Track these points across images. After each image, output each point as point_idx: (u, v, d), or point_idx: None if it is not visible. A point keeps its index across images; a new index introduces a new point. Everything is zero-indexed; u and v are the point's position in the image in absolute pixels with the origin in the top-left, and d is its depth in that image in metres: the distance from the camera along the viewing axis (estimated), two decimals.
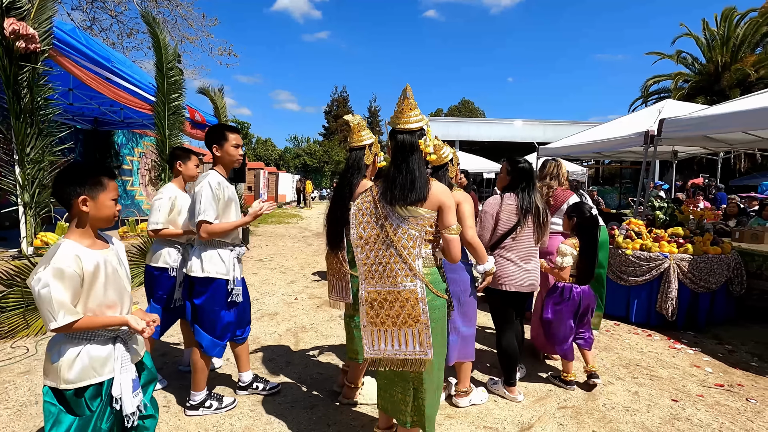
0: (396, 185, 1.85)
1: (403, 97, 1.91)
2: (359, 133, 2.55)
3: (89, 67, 5.43)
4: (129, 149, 10.84)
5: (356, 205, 1.96)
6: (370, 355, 1.92)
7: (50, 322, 1.43)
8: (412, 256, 1.84)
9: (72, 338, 1.52)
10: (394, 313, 1.86)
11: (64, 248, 1.47)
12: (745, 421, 2.63)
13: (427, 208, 1.85)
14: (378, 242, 1.88)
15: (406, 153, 1.88)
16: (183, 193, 2.94)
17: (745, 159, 16.98)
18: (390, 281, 1.85)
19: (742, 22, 19.20)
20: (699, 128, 4.97)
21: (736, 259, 4.44)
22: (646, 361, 3.52)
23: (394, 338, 1.87)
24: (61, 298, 1.43)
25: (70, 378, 1.48)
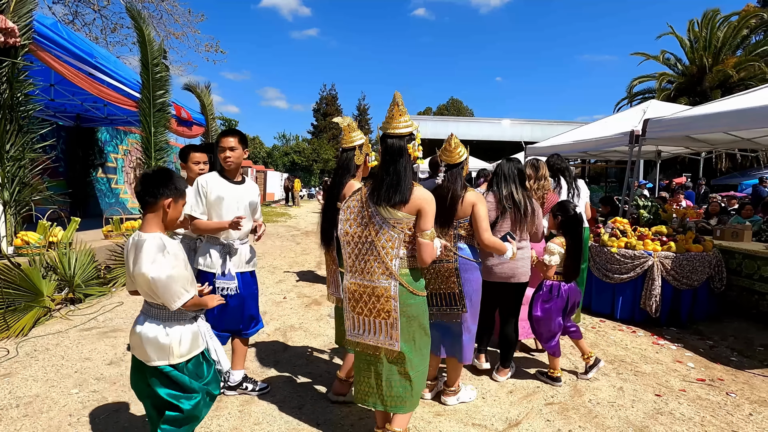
0: (383, 186, 1.98)
1: (393, 103, 2.03)
2: (350, 134, 2.59)
3: (71, 63, 5.31)
4: (113, 146, 10.63)
5: (346, 202, 2.12)
6: (350, 338, 2.14)
7: (183, 295, 1.70)
8: (389, 256, 1.99)
9: (169, 319, 1.77)
10: (371, 305, 2.05)
11: (165, 238, 1.74)
12: (725, 414, 2.70)
13: (407, 211, 1.97)
14: (362, 239, 2.03)
15: (394, 156, 2.00)
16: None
17: (725, 159, 17.41)
18: (368, 276, 2.03)
19: (723, 24, 19.62)
20: (682, 128, 5.06)
21: (717, 256, 4.54)
22: (630, 357, 3.58)
23: (370, 326, 2.08)
24: (186, 274, 1.74)
25: (183, 352, 1.77)
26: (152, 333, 1.74)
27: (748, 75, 17.91)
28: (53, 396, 2.70)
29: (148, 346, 1.73)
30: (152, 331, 1.74)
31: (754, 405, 2.82)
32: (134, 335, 1.77)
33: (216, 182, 2.63)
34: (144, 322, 1.77)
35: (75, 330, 3.87)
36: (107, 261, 5.37)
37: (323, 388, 2.91)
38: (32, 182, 4.81)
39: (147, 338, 1.73)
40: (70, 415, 2.50)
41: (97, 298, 4.78)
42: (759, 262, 4.45)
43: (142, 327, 1.76)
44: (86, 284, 4.72)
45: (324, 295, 5.35)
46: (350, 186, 2.50)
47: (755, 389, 3.04)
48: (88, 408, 2.57)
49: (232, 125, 36.69)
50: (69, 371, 3.05)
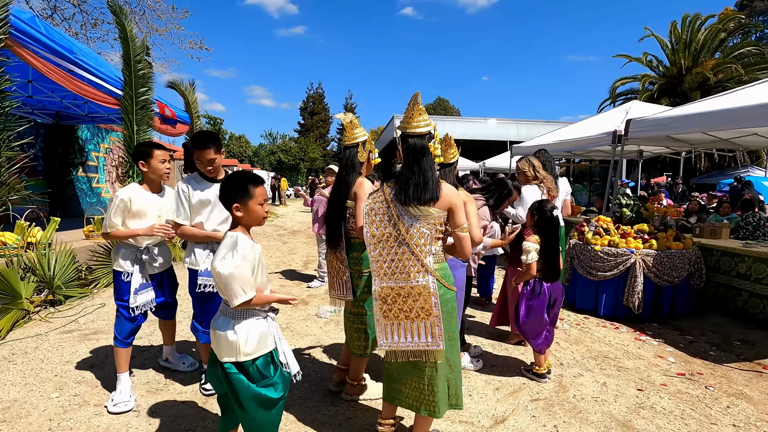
0: (410, 186, 1.96)
1: (413, 102, 2.02)
2: (352, 131, 2.56)
3: (50, 59, 5.16)
4: (94, 145, 10.39)
5: (368, 204, 2.08)
6: (385, 347, 2.04)
7: (240, 295, 1.73)
8: (423, 253, 1.95)
9: (239, 317, 1.81)
10: (407, 307, 1.98)
11: (242, 239, 1.79)
12: (704, 407, 2.77)
13: (438, 207, 1.97)
14: (391, 240, 1.99)
15: (417, 155, 2.00)
16: (147, 193, 2.70)
17: (704, 158, 17.85)
18: (403, 277, 1.98)
19: (702, 27, 20.09)
20: (663, 129, 5.18)
21: (696, 253, 4.66)
22: (613, 353, 3.65)
23: (407, 331, 2.00)
24: (248, 276, 1.75)
25: (248, 351, 1.79)
26: (223, 329, 1.79)
27: (725, 77, 18.38)
28: (32, 400, 2.64)
29: (218, 341, 1.80)
30: (223, 327, 1.80)
31: (731, 398, 2.90)
32: (211, 329, 1.85)
33: (197, 185, 2.61)
34: (219, 316, 1.84)
35: (55, 333, 3.78)
36: (89, 262, 5.26)
37: (311, 387, 2.89)
38: (9, 181, 4.68)
39: (218, 333, 1.80)
40: (50, 419, 2.44)
41: (78, 300, 4.67)
42: (736, 259, 4.58)
43: (217, 321, 1.83)
44: (66, 286, 4.60)
45: (311, 295, 5.32)
46: (360, 183, 2.49)
47: (732, 382, 3.13)
48: (69, 412, 2.51)
49: (218, 123, 36.23)
50: (49, 375, 2.98)
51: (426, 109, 2.05)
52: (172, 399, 2.71)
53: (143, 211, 2.65)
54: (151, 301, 2.77)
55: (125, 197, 2.58)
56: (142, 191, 2.68)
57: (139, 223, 2.64)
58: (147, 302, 2.74)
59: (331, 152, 47.39)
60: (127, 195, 2.58)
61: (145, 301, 2.72)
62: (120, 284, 2.66)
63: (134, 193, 2.61)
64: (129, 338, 2.69)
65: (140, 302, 2.68)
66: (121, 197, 2.57)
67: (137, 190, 2.65)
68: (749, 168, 16.34)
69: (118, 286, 2.67)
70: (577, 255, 4.84)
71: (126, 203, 2.57)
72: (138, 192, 2.65)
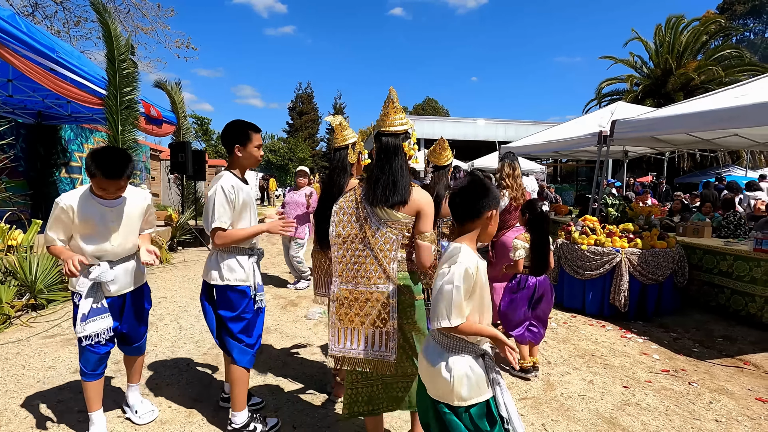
0: (378, 186, 1.88)
1: (388, 100, 1.95)
2: (342, 133, 2.58)
3: (31, 57, 5.05)
4: (78, 145, 10.18)
5: (339, 203, 1.99)
6: (335, 353, 1.94)
7: (442, 320, 1.45)
8: (387, 259, 1.87)
9: (451, 349, 1.51)
10: (364, 313, 1.89)
11: (465, 251, 1.51)
12: (688, 403, 2.83)
13: (406, 212, 1.88)
14: (356, 242, 1.91)
15: (389, 155, 1.92)
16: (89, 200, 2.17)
17: (687, 158, 18.21)
18: (363, 281, 1.89)
19: (685, 30, 20.51)
20: (647, 129, 5.26)
21: (679, 252, 4.75)
22: (600, 350, 3.70)
23: (361, 337, 1.90)
24: (459, 300, 1.44)
25: (464, 395, 1.47)
26: (435, 361, 1.51)
27: (707, 78, 18.77)
28: (13, 408, 2.57)
29: (430, 375, 1.52)
30: (435, 359, 1.51)
31: (713, 393, 2.96)
32: (421, 355, 1.60)
33: (239, 185, 2.27)
34: (431, 342, 1.56)
35: (37, 338, 3.69)
36: None
37: (300, 390, 2.88)
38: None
39: (428, 366, 1.52)
40: (32, 427, 2.38)
41: (62, 304, 4.57)
42: (718, 257, 4.68)
43: (428, 348, 1.55)
44: (49, 289, 4.50)
45: (300, 296, 5.30)
46: (351, 185, 2.49)
47: (715, 378, 3.20)
48: (52, 419, 2.46)
49: (206, 123, 35.85)
50: (31, 381, 2.91)
51: (415, 109, 2.05)
52: (158, 404, 2.67)
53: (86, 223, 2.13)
54: (107, 330, 2.19)
55: (65, 205, 2.07)
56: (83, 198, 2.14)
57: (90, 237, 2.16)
58: (101, 331, 2.17)
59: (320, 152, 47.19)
60: (68, 202, 2.08)
61: (98, 329, 2.15)
62: (74, 308, 2.20)
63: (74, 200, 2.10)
64: (97, 370, 2.25)
65: (90, 331, 2.13)
66: (61, 205, 2.07)
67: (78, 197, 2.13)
68: (730, 168, 16.73)
69: (74, 309, 2.20)
70: (564, 254, 4.90)
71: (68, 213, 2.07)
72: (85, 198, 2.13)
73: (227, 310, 2.27)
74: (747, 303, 4.36)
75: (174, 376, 3.03)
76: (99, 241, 2.17)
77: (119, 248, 2.24)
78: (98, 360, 2.23)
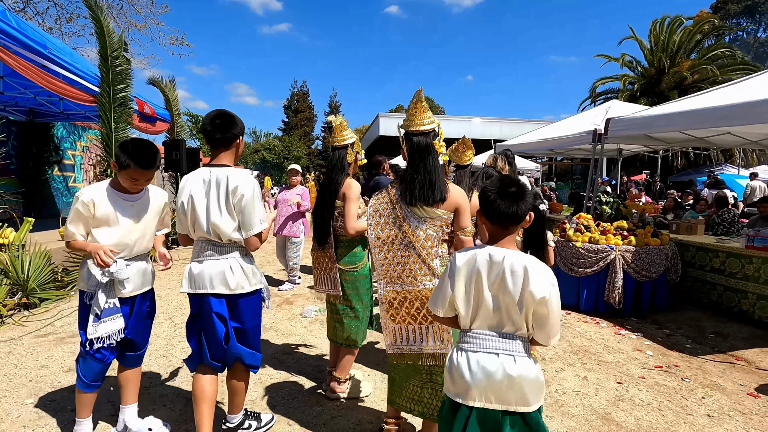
0: (415, 186, 1.90)
1: (416, 100, 1.98)
2: (341, 133, 2.62)
3: (22, 54, 4.99)
4: (70, 143, 10.10)
5: (372, 206, 2.01)
6: (392, 351, 2.00)
7: (555, 337, 1.43)
8: (430, 256, 1.90)
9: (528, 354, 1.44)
10: (414, 311, 1.93)
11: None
12: (680, 398, 2.85)
13: (445, 209, 1.91)
14: (396, 243, 1.93)
15: (422, 154, 1.94)
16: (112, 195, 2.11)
17: (681, 156, 18.35)
18: (410, 281, 1.92)
19: (679, 29, 20.64)
20: (640, 128, 5.30)
21: (673, 249, 4.78)
22: (594, 347, 3.73)
23: (415, 334, 1.95)
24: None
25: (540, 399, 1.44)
26: (532, 372, 1.39)
27: (701, 77, 18.92)
28: (5, 407, 2.55)
29: (530, 387, 1.39)
30: (531, 370, 1.40)
31: (706, 389, 2.99)
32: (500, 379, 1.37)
33: None
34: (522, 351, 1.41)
35: (29, 336, 3.66)
36: (65, 263, 5.11)
37: (295, 387, 2.87)
38: None
39: (528, 378, 1.38)
40: (24, 426, 2.36)
41: (54, 303, 4.54)
42: (710, 254, 4.72)
43: (515, 366, 1.38)
44: (41, 288, 4.47)
45: (296, 294, 5.29)
46: (348, 185, 2.53)
47: (707, 374, 3.23)
48: (45, 418, 2.44)
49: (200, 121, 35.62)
50: (23, 380, 2.89)
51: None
52: (151, 402, 2.65)
53: (108, 219, 2.08)
54: (118, 332, 2.09)
55: (86, 199, 2.02)
56: (107, 193, 2.10)
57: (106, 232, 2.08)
58: (113, 332, 2.07)
59: (315, 150, 47.08)
60: (89, 196, 2.03)
61: (110, 330, 2.05)
62: (83, 309, 2.11)
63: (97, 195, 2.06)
64: (99, 380, 2.15)
65: (102, 332, 2.02)
66: (82, 199, 2.02)
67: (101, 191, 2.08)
68: (723, 166, 16.88)
69: (81, 311, 2.12)
70: (559, 251, 4.92)
71: (88, 207, 2.02)
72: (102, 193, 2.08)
73: (252, 318, 2.15)
74: (739, 299, 4.41)
75: (169, 375, 3.02)
76: (117, 237, 2.09)
77: (136, 245, 2.17)
78: (102, 369, 2.14)
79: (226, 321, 2.06)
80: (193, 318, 2.13)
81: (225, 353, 2.10)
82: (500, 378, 1.37)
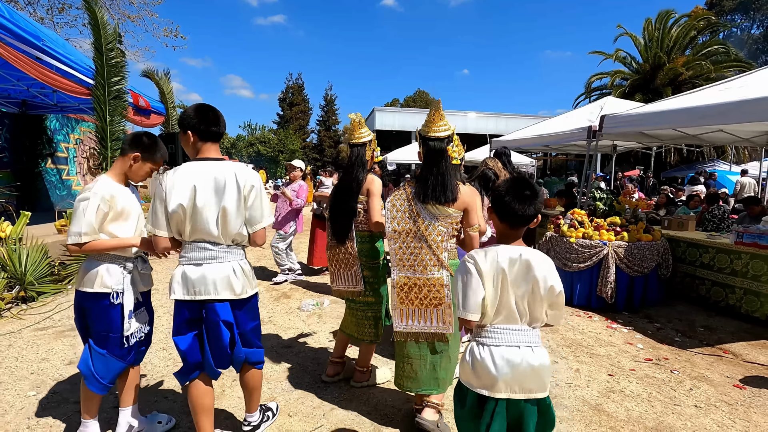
0: (428, 186, 2.15)
1: (434, 109, 2.23)
2: (359, 130, 2.67)
3: (15, 45, 4.94)
4: (63, 135, 10.00)
5: (390, 201, 2.25)
6: (399, 329, 2.23)
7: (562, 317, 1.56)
8: (440, 249, 2.14)
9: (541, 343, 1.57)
10: (422, 295, 2.19)
11: None
12: (669, 390, 2.94)
13: (456, 208, 2.15)
14: (410, 235, 2.18)
15: (436, 158, 2.18)
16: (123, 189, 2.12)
17: (674, 153, 18.52)
18: (420, 269, 2.17)
19: (674, 25, 20.72)
20: (635, 125, 5.36)
21: (664, 245, 4.87)
22: (586, 340, 3.81)
23: (421, 316, 2.21)
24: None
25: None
26: (547, 359, 1.51)
27: (695, 73, 19.04)
28: (8, 399, 2.58)
29: (546, 373, 1.50)
30: (546, 358, 1.51)
31: (694, 381, 3.08)
32: (524, 370, 1.46)
33: None
34: (528, 347, 1.50)
35: (29, 330, 3.68)
36: (62, 257, 5.11)
37: (295, 380, 2.93)
38: None
39: (545, 366, 1.49)
40: (29, 418, 2.40)
41: (52, 297, 4.55)
42: (701, 250, 4.82)
43: (534, 356, 1.48)
44: (39, 282, 4.47)
45: (293, 288, 5.33)
46: (371, 180, 2.61)
47: (695, 366, 3.32)
48: (48, 410, 2.48)
49: None
50: (24, 373, 2.91)
51: (406, 102, 2.14)
52: (152, 395, 2.69)
53: (128, 212, 2.08)
54: (145, 326, 2.17)
55: (107, 194, 1.98)
56: (121, 186, 2.09)
57: (124, 226, 2.07)
58: (143, 326, 2.14)
59: (310, 144, 46.85)
60: (109, 192, 1.99)
61: (140, 324, 2.12)
62: (106, 311, 2.01)
63: (115, 190, 2.03)
64: (114, 382, 2.12)
65: (135, 328, 2.07)
66: (102, 195, 1.97)
67: (116, 186, 2.06)
68: (715, 162, 17.07)
69: (103, 314, 2.01)
70: (552, 247, 4.99)
71: (109, 203, 1.99)
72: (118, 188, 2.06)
73: (253, 319, 2.12)
74: (727, 294, 4.51)
75: (169, 368, 3.05)
76: (133, 230, 2.09)
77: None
78: (122, 370, 2.11)
79: (232, 327, 2.01)
80: (188, 325, 1.99)
81: (229, 359, 2.06)
82: (524, 369, 1.47)
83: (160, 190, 1.90)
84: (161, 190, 1.89)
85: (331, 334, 3.81)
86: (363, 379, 2.84)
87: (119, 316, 2.03)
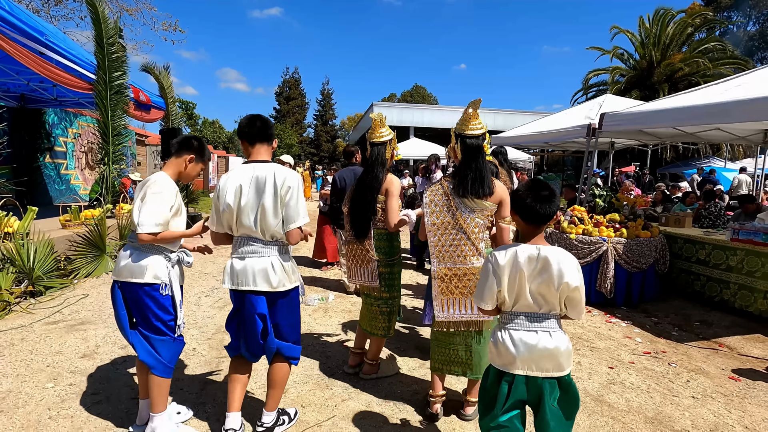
0: (467, 181, 2.27)
1: (471, 108, 2.34)
2: (379, 130, 2.71)
3: (17, 39, 4.93)
4: (62, 129, 9.96)
5: (428, 196, 2.37)
6: (441, 318, 2.35)
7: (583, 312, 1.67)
8: (478, 240, 2.28)
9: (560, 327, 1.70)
10: (463, 285, 2.30)
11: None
12: (667, 382, 3.05)
13: (492, 201, 2.28)
14: (449, 228, 2.30)
15: (474, 154, 2.30)
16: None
17: (670, 150, 18.69)
18: (460, 260, 2.29)
19: (671, 22, 20.79)
20: (634, 123, 5.45)
21: (662, 241, 4.98)
22: (587, 334, 3.91)
23: (461, 305, 2.32)
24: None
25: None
26: (564, 343, 1.65)
27: (692, 70, 19.16)
28: (27, 391, 2.64)
29: (563, 356, 1.64)
30: (564, 342, 1.65)
31: (691, 373, 3.19)
32: (540, 352, 1.61)
33: None
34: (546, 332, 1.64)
35: (40, 324, 3.73)
36: (67, 252, 5.14)
37: (305, 373, 3.00)
38: None
39: (561, 349, 1.63)
40: (49, 408, 2.46)
41: (59, 291, 4.59)
42: (697, 246, 4.93)
43: (551, 339, 1.63)
44: (47, 276, 4.51)
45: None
46: (390, 180, 2.67)
47: (692, 359, 3.43)
48: (67, 401, 2.54)
49: (191, 108, 35.07)
50: (40, 365, 2.97)
51: (403, 97, 2.21)
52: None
53: (182, 208, 2.25)
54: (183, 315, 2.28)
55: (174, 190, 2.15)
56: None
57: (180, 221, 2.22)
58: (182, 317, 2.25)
59: (307, 138, 46.70)
60: (176, 188, 2.17)
61: (183, 316, 2.24)
62: (157, 301, 2.09)
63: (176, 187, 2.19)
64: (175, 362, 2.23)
65: (182, 317, 2.21)
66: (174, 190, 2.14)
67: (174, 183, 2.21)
68: (711, 159, 17.24)
69: (154, 303, 2.09)
70: (553, 243, 5.08)
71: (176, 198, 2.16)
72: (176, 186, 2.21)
73: (290, 315, 2.22)
74: (721, 289, 4.62)
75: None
76: (184, 225, 2.26)
77: None
78: (179, 350, 2.23)
79: (266, 319, 2.12)
80: (234, 312, 2.23)
81: (262, 348, 2.18)
82: (540, 350, 1.62)
83: (216, 190, 2.15)
84: (216, 190, 2.14)
85: (340, 327, 3.88)
86: (372, 372, 2.92)
87: (171, 304, 2.16)
